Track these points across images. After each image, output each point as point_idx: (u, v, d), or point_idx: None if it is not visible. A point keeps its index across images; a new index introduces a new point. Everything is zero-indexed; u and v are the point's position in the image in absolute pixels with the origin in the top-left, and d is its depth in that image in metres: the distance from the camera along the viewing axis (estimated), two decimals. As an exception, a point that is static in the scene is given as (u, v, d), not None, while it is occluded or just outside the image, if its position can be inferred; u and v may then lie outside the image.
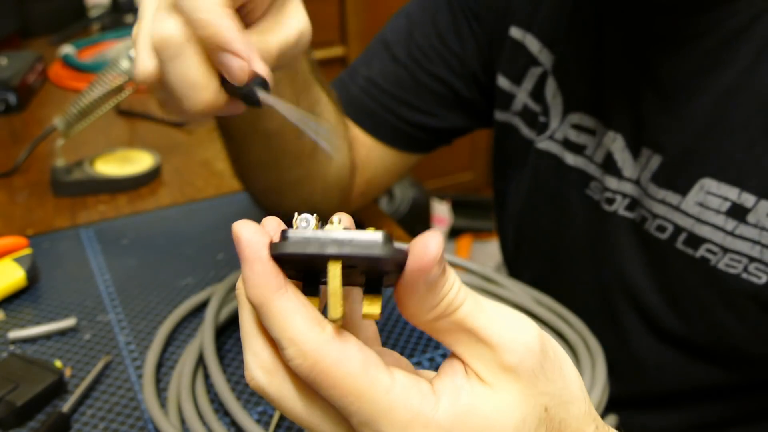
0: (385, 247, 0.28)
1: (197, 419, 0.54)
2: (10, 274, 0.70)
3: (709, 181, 0.57)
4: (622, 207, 0.64)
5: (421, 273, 0.29)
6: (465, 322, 0.31)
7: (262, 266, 0.29)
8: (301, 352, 0.29)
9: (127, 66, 0.85)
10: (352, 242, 0.29)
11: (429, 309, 0.30)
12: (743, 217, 0.56)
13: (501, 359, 0.31)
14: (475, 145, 2.55)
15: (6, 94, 1.11)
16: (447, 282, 0.30)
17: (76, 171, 0.90)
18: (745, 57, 0.55)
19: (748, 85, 0.55)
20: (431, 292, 0.30)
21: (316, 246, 0.29)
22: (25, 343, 0.65)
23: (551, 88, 0.69)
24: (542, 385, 0.31)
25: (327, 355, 0.29)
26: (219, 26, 0.40)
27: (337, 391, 0.29)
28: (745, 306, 0.58)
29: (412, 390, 0.30)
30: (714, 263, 0.58)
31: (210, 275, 0.74)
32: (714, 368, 0.63)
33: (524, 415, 0.31)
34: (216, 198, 0.89)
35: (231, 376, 0.60)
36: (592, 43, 0.65)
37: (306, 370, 0.29)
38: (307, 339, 0.29)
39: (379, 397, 0.29)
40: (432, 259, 0.28)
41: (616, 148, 0.63)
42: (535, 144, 0.72)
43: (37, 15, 1.44)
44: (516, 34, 0.71)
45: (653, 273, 0.63)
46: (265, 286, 0.29)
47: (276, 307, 0.29)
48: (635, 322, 0.66)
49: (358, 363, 0.29)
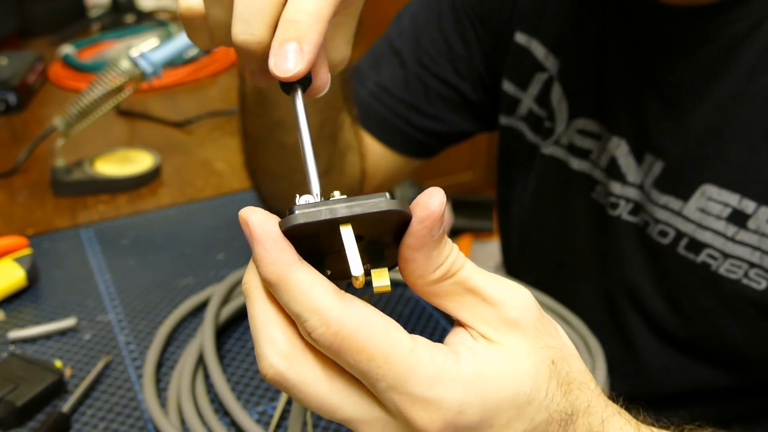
0: (391, 201, 0.30)
1: (197, 419, 0.54)
2: (10, 274, 0.70)
3: (711, 187, 0.57)
4: (625, 212, 0.64)
5: (428, 223, 0.30)
6: (467, 282, 0.32)
7: (274, 243, 0.30)
8: (323, 321, 0.29)
9: (127, 66, 0.85)
10: (359, 204, 0.30)
11: (434, 268, 0.31)
12: (744, 223, 0.56)
13: (504, 314, 0.32)
14: (475, 145, 2.54)
15: (6, 94, 1.11)
16: (448, 243, 0.32)
17: (76, 171, 0.90)
18: (746, 64, 0.55)
19: (749, 92, 0.55)
20: (437, 248, 0.31)
21: (326, 213, 0.29)
22: (25, 343, 0.65)
23: (557, 93, 0.69)
24: (545, 339, 0.33)
25: (350, 321, 0.29)
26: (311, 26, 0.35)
27: (364, 356, 0.29)
28: (746, 311, 0.58)
29: (435, 349, 0.30)
30: (715, 268, 0.58)
31: (210, 275, 0.74)
32: (715, 370, 0.63)
33: (536, 365, 0.32)
34: (216, 198, 0.89)
35: (231, 376, 0.60)
36: (596, 49, 0.65)
37: (330, 338, 0.29)
38: (329, 307, 0.29)
39: (405, 357, 0.29)
40: (438, 208, 0.30)
41: (620, 153, 0.63)
42: (540, 149, 0.72)
43: (37, 15, 1.44)
44: (521, 40, 0.71)
45: (655, 277, 0.63)
46: (279, 262, 0.30)
47: (294, 279, 0.30)
48: (638, 324, 0.66)
49: (381, 326, 0.30)
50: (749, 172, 0.55)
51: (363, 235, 0.31)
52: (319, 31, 0.35)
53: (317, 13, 0.35)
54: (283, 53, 0.34)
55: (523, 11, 0.71)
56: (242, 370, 0.61)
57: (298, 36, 0.34)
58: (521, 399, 0.31)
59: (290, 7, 0.35)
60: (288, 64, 0.34)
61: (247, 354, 0.63)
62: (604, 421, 0.35)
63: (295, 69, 0.34)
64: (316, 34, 0.34)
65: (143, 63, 0.84)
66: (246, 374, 0.61)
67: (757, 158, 0.55)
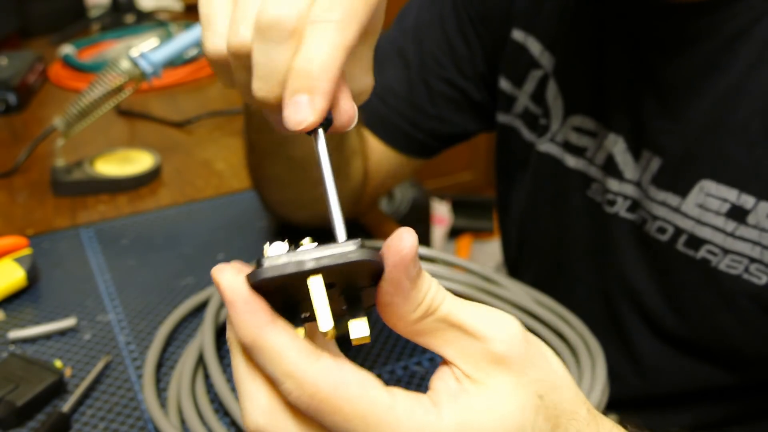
0: (360, 250, 0.29)
1: (197, 419, 0.54)
2: (10, 274, 0.70)
3: (709, 183, 0.57)
4: (623, 209, 0.64)
5: (401, 267, 0.29)
6: (449, 318, 0.31)
7: (245, 305, 0.29)
8: (298, 384, 0.29)
9: (127, 66, 0.85)
10: (329, 255, 0.29)
11: (414, 308, 0.31)
12: (743, 218, 0.56)
13: (489, 350, 0.31)
14: (475, 145, 2.53)
15: (6, 94, 1.11)
16: (425, 279, 0.31)
17: (76, 171, 0.90)
18: (745, 60, 0.55)
19: (747, 88, 0.55)
20: (414, 288, 0.30)
21: (294, 265, 0.29)
22: (25, 343, 0.65)
23: (552, 90, 0.69)
24: (532, 373, 0.32)
25: (324, 383, 0.29)
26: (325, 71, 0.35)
27: (341, 416, 0.29)
28: (746, 307, 0.58)
29: (414, 404, 0.30)
30: (715, 264, 0.58)
31: (210, 275, 0.74)
32: (715, 369, 0.63)
33: (521, 405, 0.31)
34: (216, 198, 0.89)
35: (231, 376, 0.60)
36: (593, 46, 0.65)
37: (306, 402, 0.29)
38: (303, 369, 0.29)
39: (383, 416, 0.29)
40: (409, 250, 0.29)
41: (617, 150, 0.63)
42: (535, 146, 0.72)
43: (37, 15, 1.44)
44: (518, 37, 0.71)
45: (654, 274, 0.63)
46: (252, 325, 0.29)
47: (268, 342, 0.29)
48: (637, 323, 0.66)
49: (357, 386, 0.29)
50: (748, 167, 0.55)
51: (335, 282, 0.30)
52: (331, 79, 0.34)
53: (327, 60, 0.34)
54: (293, 105, 0.34)
55: (520, 8, 0.71)
56: (242, 370, 0.61)
57: (309, 86, 0.34)
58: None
59: (300, 57, 0.34)
60: (298, 116, 0.34)
61: (247, 354, 0.63)
62: None
63: (305, 121, 0.33)
64: (327, 82, 0.34)
65: (143, 63, 0.84)
66: (246, 374, 0.61)
67: (755, 154, 0.55)
